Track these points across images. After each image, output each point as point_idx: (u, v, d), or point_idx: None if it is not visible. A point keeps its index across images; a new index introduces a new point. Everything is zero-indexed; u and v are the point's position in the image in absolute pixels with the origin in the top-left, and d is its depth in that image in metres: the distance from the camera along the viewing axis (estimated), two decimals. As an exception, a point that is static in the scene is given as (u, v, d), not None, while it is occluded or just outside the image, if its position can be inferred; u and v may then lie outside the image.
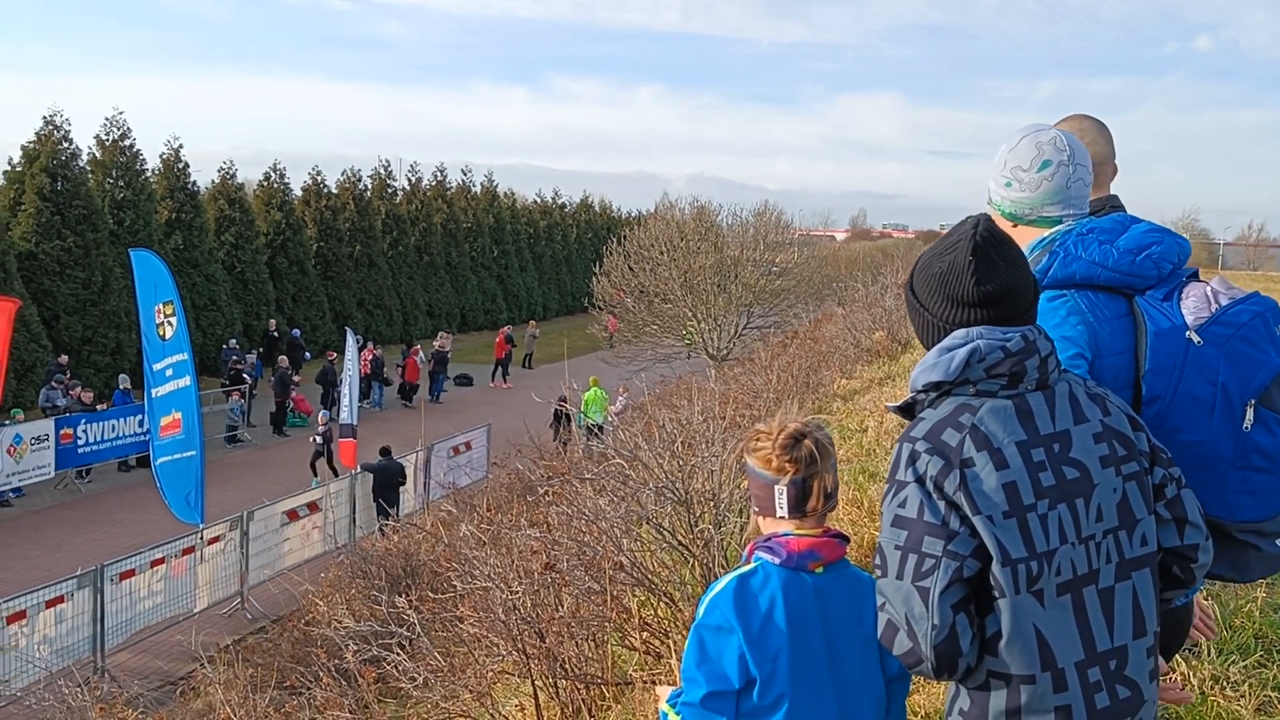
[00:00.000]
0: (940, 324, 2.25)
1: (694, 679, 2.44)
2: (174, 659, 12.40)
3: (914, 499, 2.11)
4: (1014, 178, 2.59)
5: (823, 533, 2.54)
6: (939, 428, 2.15)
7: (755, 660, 2.40)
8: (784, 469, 2.53)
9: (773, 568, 2.50)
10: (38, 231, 27.30)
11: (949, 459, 2.10)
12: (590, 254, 50.37)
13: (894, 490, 2.16)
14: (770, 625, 2.42)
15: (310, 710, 6.81)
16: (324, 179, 40.68)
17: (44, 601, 11.30)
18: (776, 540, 2.52)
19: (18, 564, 15.01)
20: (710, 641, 2.44)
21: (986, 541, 2.05)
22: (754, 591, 2.46)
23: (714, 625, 2.45)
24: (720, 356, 28.03)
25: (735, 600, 2.44)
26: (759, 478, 2.58)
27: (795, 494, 2.53)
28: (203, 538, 13.73)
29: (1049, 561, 2.08)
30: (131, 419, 21.41)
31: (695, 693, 2.43)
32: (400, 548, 10.83)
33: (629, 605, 4.98)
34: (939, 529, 2.07)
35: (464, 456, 20.48)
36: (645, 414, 9.51)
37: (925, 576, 2.06)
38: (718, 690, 2.41)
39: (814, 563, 2.51)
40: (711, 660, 2.43)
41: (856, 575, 2.61)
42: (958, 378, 2.17)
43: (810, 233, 77.99)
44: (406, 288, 43.24)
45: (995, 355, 2.15)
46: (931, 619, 2.05)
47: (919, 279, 2.31)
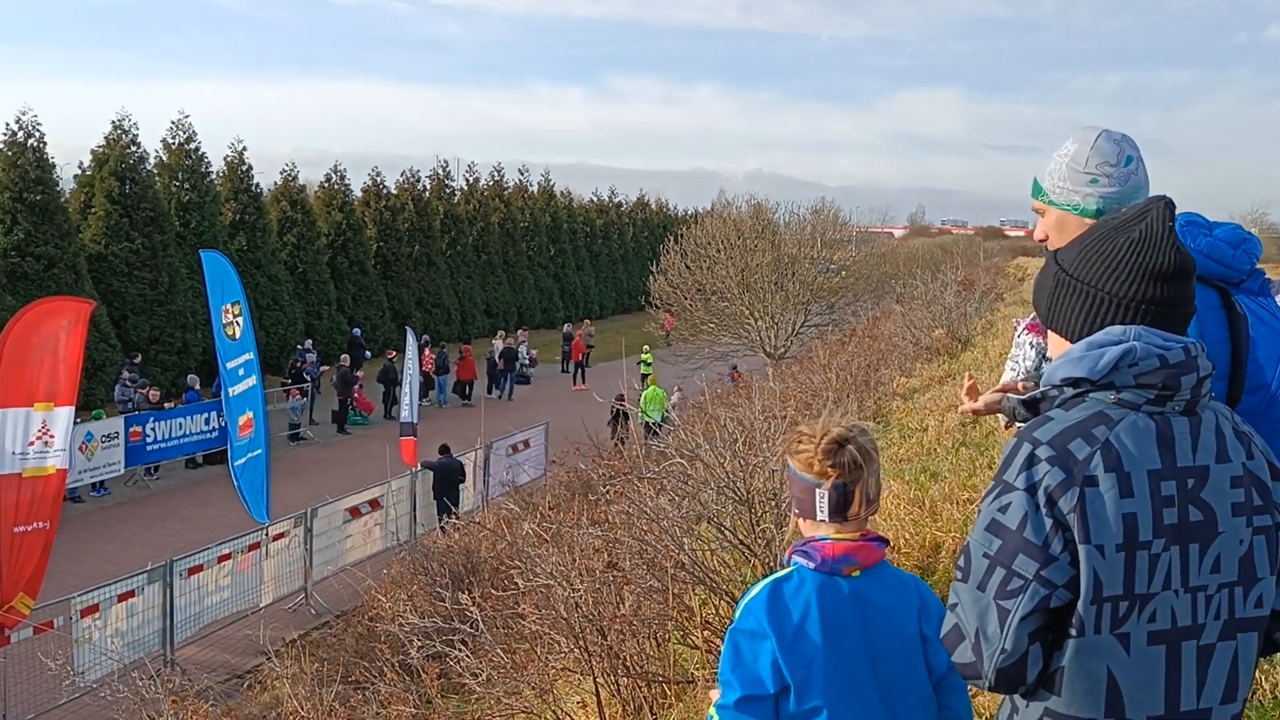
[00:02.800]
0: (1114, 301, 2.02)
1: (729, 683, 2.45)
2: (241, 653, 12.62)
3: (1019, 508, 1.92)
4: (1101, 173, 2.56)
5: (860, 536, 2.53)
6: (1068, 434, 1.94)
7: (789, 666, 2.39)
8: (826, 473, 2.51)
9: (808, 573, 2.49)
10: (107, 234, 27.95)
11: (1072, 473, 1.89)
12: (647, 252, 50.46)
13: (999, 491, 1.96)
14: (803, 633, 2.41)
15: (375, 705, 6.92)
16: (383, 180, 41.21)
17: (116, 595, 11.57)
18: (813, 545, 2.51)
19: (90, 558, 15.38)
20: (744, 646, 2.44)
21: (1083, 572, 1.88)
22: (788, 597, 2.45)
23: (748, 630, 2.45)
24: (778, 355, 27.95)
25: (769, 606, 2.44)
26: (800, 480, 2.56)
27: (837, 499, 2.51)
28: (268, 534, 13.97)
29: (1143, 605, 1.90)
30: (198, 417, 21.84)
31: (730, 696, 2.44)
32: (461, 545, 10.94)
33: (690, 604, 5.01)
34: (1037, 550, 1.89)
35: (523, 454, 20.62)
36: (705, 413, 9.52)
37: (1009, 597, 1.90)
38: (752, 695, 2.41)
39: (849, 567, 2.48)
40: (746, 665, 2.43)
41: (897, 577, 2.59)
42: (1102, 379, 1.96)
43: (868, 230, 77.45)
44: (464, 287, 43.60)
45: (1150, 362, 1.94)
46: (1004, 643, 1.90)
47: (1085, 255, 2.08)
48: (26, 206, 25.77)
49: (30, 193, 25.88)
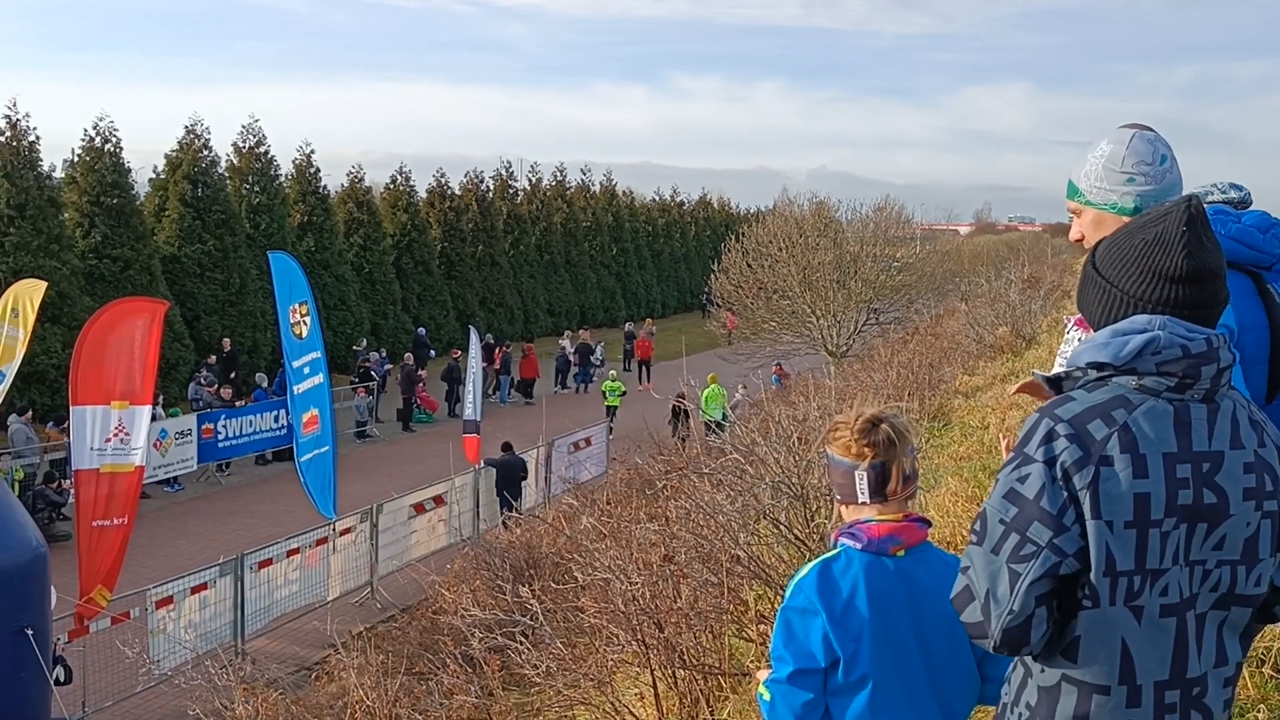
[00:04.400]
0: (1129, 299, 2.10)
1: (782, 658, 2.56)
2: (309, 645, 12.89)
3: (1037, 479, 2.01)
4: (1138, 172, 2.63)
5: (904, 517, 2.63)
6: (1088, 415, 2.03)
7: (839, 640, 2.50)
8: (863, 454, 2.62)
9: (855, 553, 2.60)
10: (180, 236, 28.60)
11: (1088, 451, 1.99)
12: (709, 251, 50.43)
13: (1018, 462, 2.06)
14: (852, 607, 2.52)
15: (438, 696, 7.05)
16: (448, 180, 41.62)
17: (189, 588, 11.88)
18: (858, 526, 2.63)
19: (164, 552, 15.78)
20: (796, 623, 2.56)
21: (1092, 547, 1.98)
22: (836, 575, 2.57)
23: (799, 607, 2.56)
24: (840, 353, 27.82)
25: (819, 584, 2.55)
26: (839, 465, 2.68)
27: (875, 478, 2.62)
28: (335, 529, 14.24)
29: (1155, 580, 2.00)
30: (268, 415, 22.29)
31: (783, 670, 2.55)
32: (523, 540, 11.08)
33: (746, 598, 5.06)
34: (1051, 519, 1.99)
35: (584, 452, 20.77)
36: (762, 410, 9.55)
37: (1021, 561, 2.00)
38: (804, 668, 2.52)
39: (895, 546, 2.60)
40: (798, 640, 2.54)
41: (941, 557, 2.69)
42: (1125, 365, 2.04)
43: (932, 227, 76.68)
44: (527, 286, 43.92)
45: (1173, 352, 2.02)
46: (1012, 604, 2.00)
47: (1109, 252, 2.16)
48: (104, 210, 26.48)
49: (107, 196, 26.59)
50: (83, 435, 10.80)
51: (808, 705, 2.53)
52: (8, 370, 16.11)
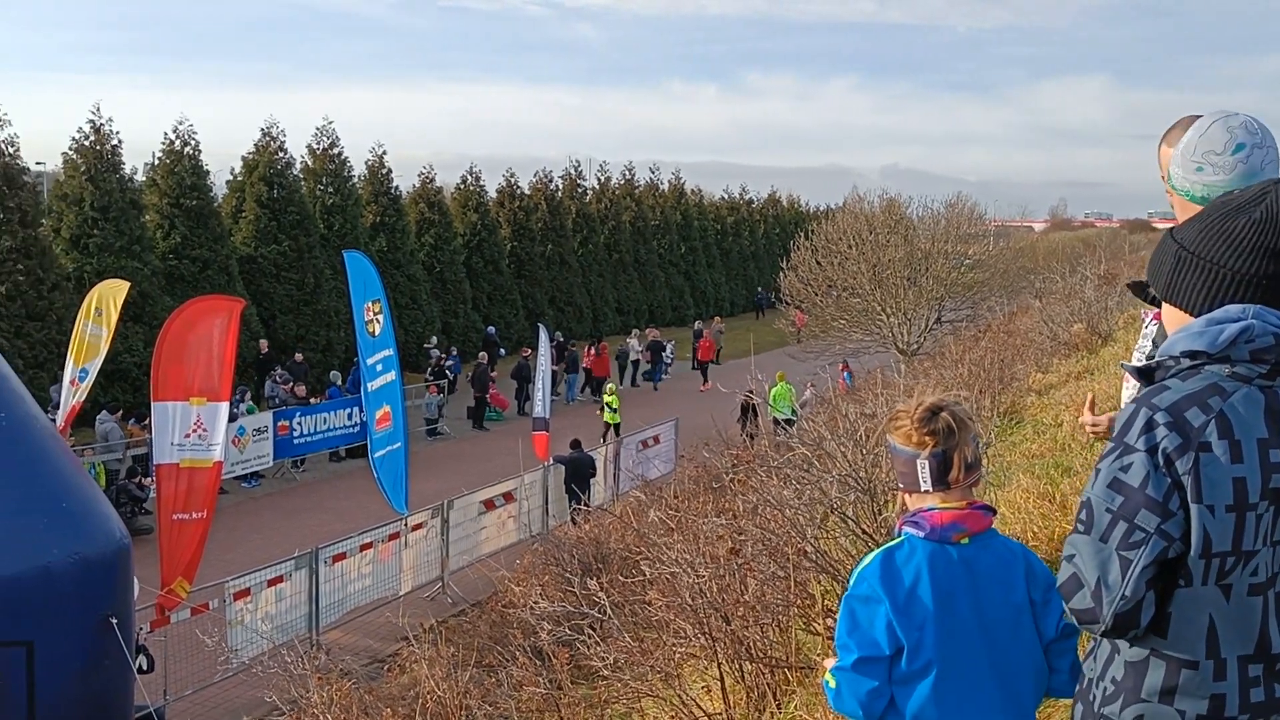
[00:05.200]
0: (1237, 278, 2.16)
1: (846, 645, 2.57)
2: (381, 638, 13.08)
3: (1140, 468, 2.08)
4: (1206, 161, 2.60)
5: (967, 505, 2.61)
6: (1185, 403, 2.09)
7: (902, 628, 2.50)
8: (924, 442, 2.61)
9: (918, 541, 2.59)
10: (256, 236, 29.21)
11: (1188, 438, 2.06)
12: (778, 249, 50.23)
13: (1119, 452, 2.12)
14: (915, 595, 2.52)
15: (507, 687, 7.13)
16: (517, 180, 41.96)
17: (266, 580, 12.13)
18: (921, 514, 2.62)
19: (241, 546, 16.12)
20: (860, 611, 2.56)
21: (1194, 530, 2.05)
22: (899, 564, 2.56)
23: (862, 596, 2.56)
24: (910, 351, 27.54)
25: (882, 572, 2.55)
26: (901, 454, 2.68)
27: (937, 466, 2.61)
28: (407, 524, 14.43)
29: (1247, 560, 2.07)
30: (341, 412, 22.65)
31: (847, 658, 2.55)
32: (591, 536, 11.14)
33: (813, 592, 5.05)
34: (1157, 505, 2.06)
35: (652, 450, 20.80)
36: (830, 407, 9.51)
37: (1132, 548, 2.07)
38: (869, 656, 2.52)
39: (958, 534, 2.58)
40: (862, 628, 2.54)
41: (1005, 545, 2.67)
42: (1219, 353, 2.11)
43: (1006, 224, 75.52)
44: (596, 285, 44.11)
45: (1266, 340, 2.09)
46: (1124, 589, 2.07)
47: (1206, 234, 2.21)
48: (183, 211, 27.11)
49: (186, 199, 27.23)
50: (164, 430, 11.06)
51: (872, 693, 2.53)
52: (91, 367, 16.58)
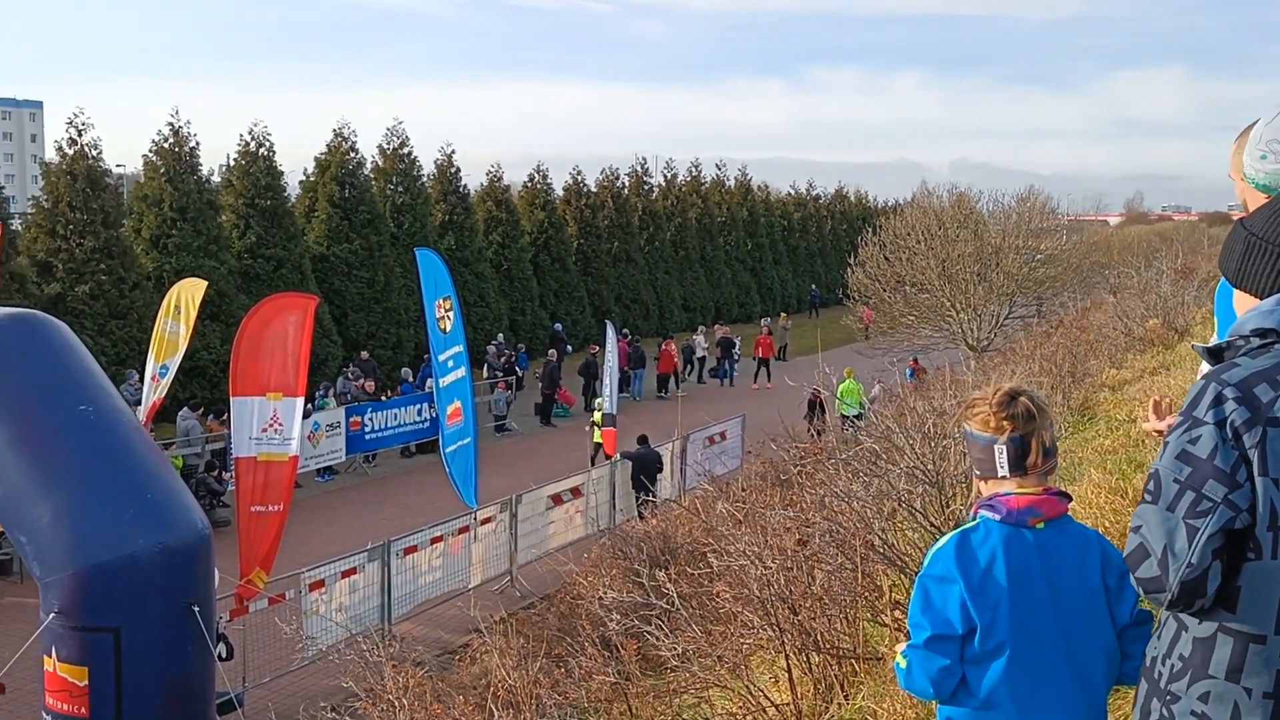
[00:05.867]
0: None
1: (919, 624, 2.60)
2: (452, 630, 13.28)
3: (1209, 440, 2.12)
4: (1270, 150, 2.62)
5: (1043, 491, 2.63)
6: (1254, 379, 2.15)
7: (976, 608, 2.53)
8: (1002, 427, 2.64)
9: (994, 524, 2.61)
10: (329, 235, 29.71)
11: (1256, 412, 2.11)
12: (845, 245, 49.89)
13: (1188, 425, 2.17)
14: (990, 577, 2.54)
15: (576, 678, 7.22)
16: (584, 178, 42.14)
17: (340, 572, 12.38)
18: (998, 499, 2.64)
19: (316, 538, 16.45)
20: (933, 590, 2.59)
21: (1260, 502, 2.09)
22: (975, 546, 2.59)
23: (937, 575, 2.60)
24: (980, 347, 27.22)
25: (957, 553, 2.58)
26: (978, 440, 2.70)
27: (1014, 451, 2.63)
28: (476, 519, 14.62)
29: None
30: (411, 408, 23.00)
31: (920, 636, 2.59)
32: (658, 530, 11.21)
33: (881, 584, 5.07)
34: (1225, 476, 2.10)
35: (719, 446, 20.83)
36: (898, 401, 9.47)
37: (1199, 516, 2.11)
38: (941, 634, 2.55)
39: (1034, 519, 2.60)
40: (935, 608, 2.57)
41: (1080, 531, 2.68)
42: None
43: (1079, 218, 74.19)
44: (662, 282, 44.16)
45: None
46: (1190, 557, 2.10)
47: (1270, 218, 2.30)
48: (258, 211, 27.67)
49: (261, 199, 27.79)
50: (242, 425, 11.33)
51: (944, 670, 2.56)
52: (171, 364, 17.01)
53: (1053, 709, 2.56)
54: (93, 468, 8.71)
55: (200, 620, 8.87)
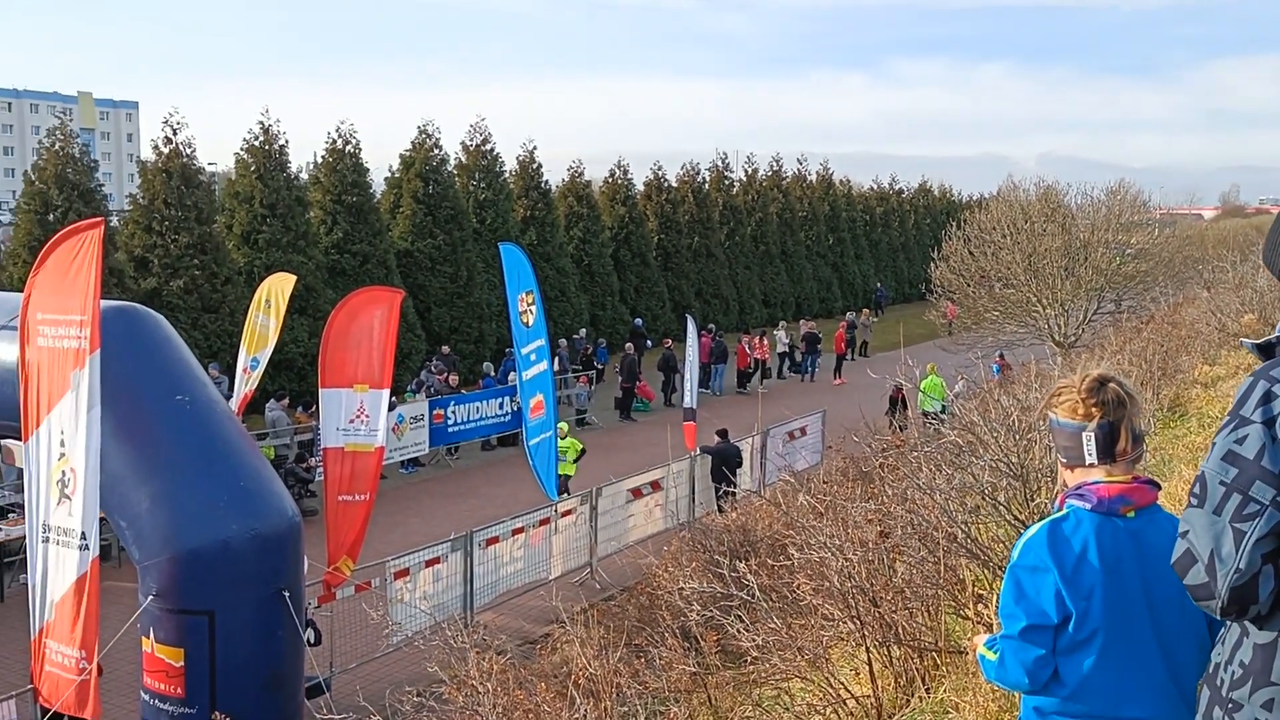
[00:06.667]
0: None
1: (1013, 614, 2.57)
2: (532, 621, 13.44)
3: (1256, 440, 2.04)
4: None
5: (1132, 479, 2.58)
6: None
7: (1070, 597, 2.49)
8: (1091, 414, 2.59)
9: (1084, 513, 2.57)
10: (413, 231, 30.17)
11: None
12: (928, 240, 49.26)
13: (1235, 425, 2.10)
14: (1084, 564, 2.51)
15: (656, 668, 7.27)
16: (664, 174, 42.21)
17: (424, 561, 12.60)
18: (1087, 488, 2.60)
19: (400, 529, 16.76)
20: (1026, 580, 2.56)
21: None
22: (1066, 534, 2.56)
23: (1029, 565, 2.56)
24: (1067, 344, 26.70)
25: (1049, 542, 2.55)
26: (1066, 428, 2.65)
27: (1103, 438, 2.58)
28: (557, 511, 14.77)
29: None
30: (493, 401, 23.27)
31: (1014, 626, 2.56)
32: (738, 523, 11.22)
33: (963, 577, 5.03)
34: (1274, 477, 2.01)
35: (799, 441, 20.73)
36: (983, 395, 9.36)
37: (1246, 520, 2.02)
38: (1036, 624, 2.52)
39: (1125, 507, 2.56)
40: (1029, 597, 2.54)
41: (1170, 521, 2.63)
42: None
43: (1172, 211, 72.35)
44: (743, 277, 44.05)
45: None
46: (1238, 563, 2.02)
47: None
48: (344, 208, 28.21)
49: (348, 195, 28.31)
50: (330, 416, 11.58)
51: (1039, 660, 2.54)
52: (261, 357, 17.43)
53: (1143, 700, 2.52)
54: (189, 456, 9.00)
55: (290, 605, 9.12)
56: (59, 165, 23.31)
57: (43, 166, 23.57)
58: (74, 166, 23.56)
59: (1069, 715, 2.55)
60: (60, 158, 23.45)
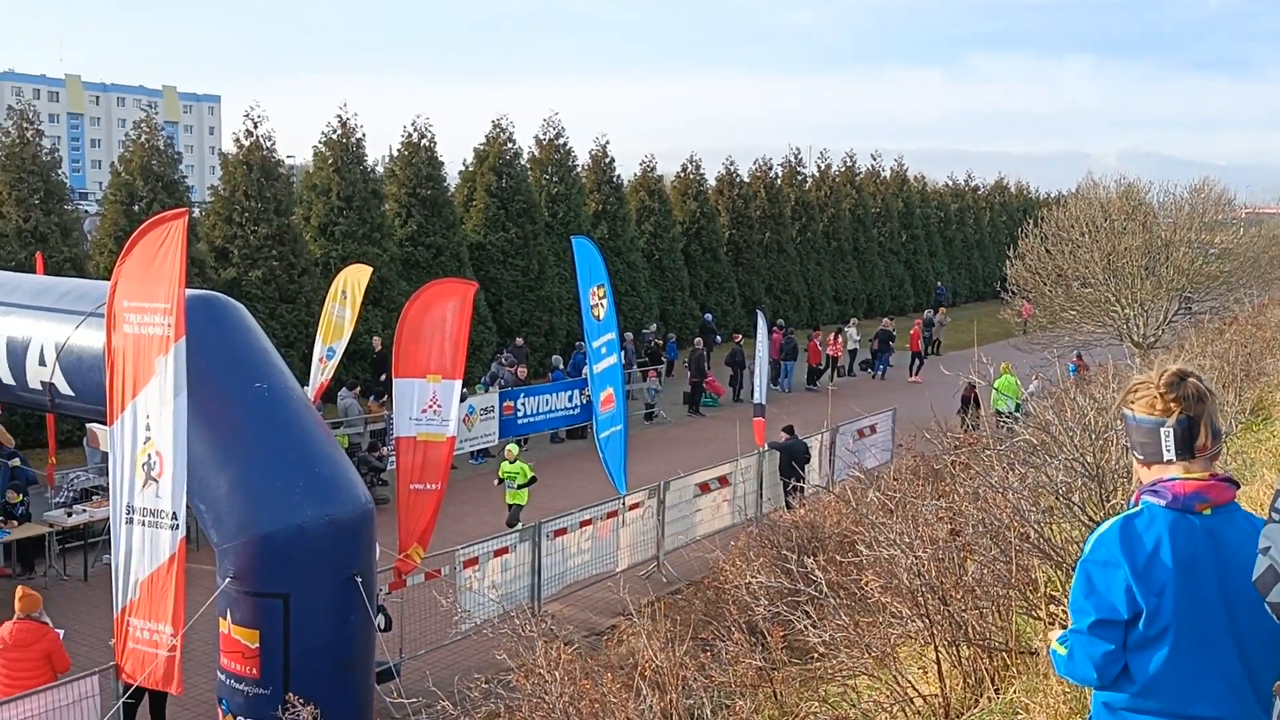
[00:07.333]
0: None
1: (1082, 609, 2.54)
2: (599, 612, 13.52)
3: None
4: None
5: (1210, 476, 2.54)
6: None
7: (1141, 593, 2.46)
8: (1169, 409, 2.55)
9: (1158, 509, 2.53)
10: (485, 224, 30.44)
11: None
12: (1004, 237, 48.52)
13: None
14: (1156, 561, 2.47)
15: (722, 662, 7.28)
16: (736, 169, 42.07)
17: (492, 551, 12.74)
18: (1163, 484, 2.56)
19: (469, 519, 16.94)
20: (1097, 575, 2.53)
21: None
22: (1139, 530, 2.52)
23: (1100, 560, 2.54)
24: (1146, 344, 26.15)
25: (1121, 537, 2.52)
26: (1143, 424, 2.61)
27: (1181, 433, 2.54)
28: (624, 504, 14.83)
29: None
30: (562, 394, 23.42)
31: (1084, 621, 2.53)
32: (806, 520, 11.18)
33: (1035, 577, 4.97)
34: None
35: (868, 439, 20.58)
36: (1058, 394, 9.22)
37: None
38: (1106, 619, 2.50)
39: (1201, 504, 2.51)
40: (1099, 592, 2.52)
41: (1248, 519, 2.58)
42: None
43: (1260, 210, 70.39)
44: (814, 273, 43.78)
45: None
46: None
47: None
48: (419, 201, 28.55)
49: (423, 189, 28.65)
50: (403, 405, 11.75)
51: (1108, 656, 2.51)
52: (337, 346, 17.74)
53: (1215, 698, 2.48)
54: (266, 442, 9.20)
55: (363, 591, 9.29)
56: (144, 157, 23.89)
57: (129, 159, 24.18)
58: (158, 159, 24.12)
59: (1139, 712, 2.52)
60: (145, 150, 24.03)
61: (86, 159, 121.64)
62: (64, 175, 23.84)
